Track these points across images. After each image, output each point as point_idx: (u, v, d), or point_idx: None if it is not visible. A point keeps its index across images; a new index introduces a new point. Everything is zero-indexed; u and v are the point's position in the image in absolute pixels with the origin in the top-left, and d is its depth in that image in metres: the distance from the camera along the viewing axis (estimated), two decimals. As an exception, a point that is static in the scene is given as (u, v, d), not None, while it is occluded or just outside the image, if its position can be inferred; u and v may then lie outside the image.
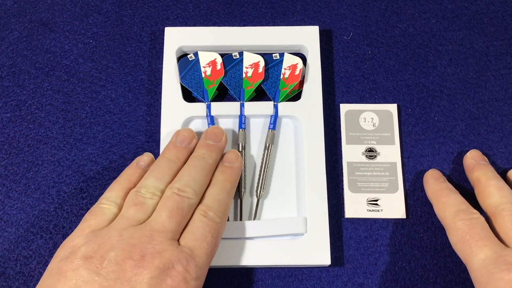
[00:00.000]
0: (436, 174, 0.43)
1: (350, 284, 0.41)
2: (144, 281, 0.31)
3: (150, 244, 0.33)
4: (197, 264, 0.34)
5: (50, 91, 0.47)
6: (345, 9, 0.50)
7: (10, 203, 0.44)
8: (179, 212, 0.35)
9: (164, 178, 0.38)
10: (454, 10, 0.50)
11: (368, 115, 0.46)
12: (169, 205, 0.35)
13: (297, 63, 0.45)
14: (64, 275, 0.32)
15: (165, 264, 0.32)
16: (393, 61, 0.48)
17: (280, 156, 0.44)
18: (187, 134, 0.41)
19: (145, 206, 0.36)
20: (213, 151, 0.40)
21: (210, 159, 0.39)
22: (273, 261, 0.40)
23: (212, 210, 0.37)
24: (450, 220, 0.39)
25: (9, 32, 0.49)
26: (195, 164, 0.38)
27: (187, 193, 0.36)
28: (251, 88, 0.45)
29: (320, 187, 0.42)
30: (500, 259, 0.35)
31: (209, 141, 0.40)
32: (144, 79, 0.47)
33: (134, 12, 0.50)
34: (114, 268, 0.32)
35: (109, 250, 0.32)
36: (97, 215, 0.36)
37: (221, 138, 0.41)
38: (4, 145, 0.45)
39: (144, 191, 0.37)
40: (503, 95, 0.47)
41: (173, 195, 0.36)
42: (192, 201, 0.36)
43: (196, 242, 0.35)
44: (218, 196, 0.38)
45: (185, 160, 0.39)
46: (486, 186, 0.40)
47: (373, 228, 0.43)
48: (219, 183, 0.38)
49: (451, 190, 0.41)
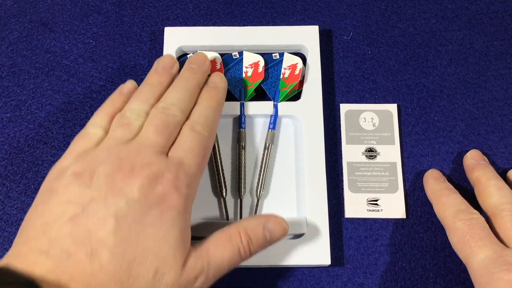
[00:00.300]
0: (436, 174, 0.43)
1: (350, 284, 0.41)
2: (134, 189, 0.32)
3: (138, 157, 0.33)
4: (187, 173, 0.34)
5: (50, 91, 0.47)
6: (345, 9, 0.50)
7: (10, 203, 0.44)
8: (166, 127, 0.35)
9: (148, 101, 0.38)
10: (454, 10, 0.50)
11: (368, 115, 0.46)
12: (155, 122, 0.36)
13: (297, 63, 0.45)
14: (56, 192, 0.32)
15: (155, 173, 0.33)
16: (393, 61, 0.48)
17: (280, 156, 0.44)
18: (167, 60, 0.41)
19: (132, 126, 0.36)
20: (196, 73, 0.40)
21: (194, 80, 0.39)
22: (273, 261, 0.40)
23: (199, 124, 0.37)
24: (450, 220, 0.39)
25: (9, 32, 0.49)
26: (178, 85, 0.39)
27: (172, 110, 0.36)
28: (251, 87, 0.45)
29: (320, 187, 0.42)
30: (500, 259, 0.35)
31: (193, 65, 0.41)
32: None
33: (134, 12, 0.50)
34: (104, 181, 0.32)
35: (98, 166, 0.33)
36: (84, 139, 0.36)
37: (205, 62, 0.41)
38: (4, 145, 0.45)
39: (130, 113, 0.37)
40: (503, 95, 0.47)
41: (158, 113, 0.36)
42: (177, 117, 0.36)
43: (185, 153, 0.35)
44: (205, 112, 0.38)
45: (168, 84, 0.40)
46: (486, 186, 0.40)
47: (373, 228, 0.43)
48: (204, 101, 0.39)
49: (451, 190, 0.41)
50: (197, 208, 0.43)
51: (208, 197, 0.43)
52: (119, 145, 0.34)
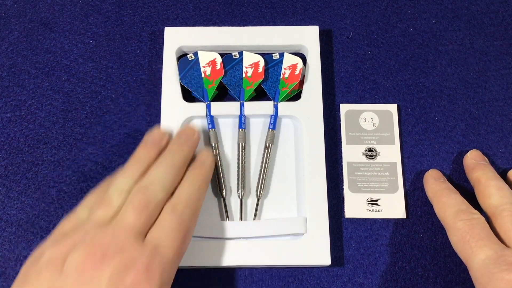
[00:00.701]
0: (436, 174, 0.43)
1: (350, 284, 0.41)
2: (103, 280, 0.31)
3: (112, 241, 0.33)
4: (163, 258, 0.33)
5: (50, 91, 0.47)
6: (345, 9, 0.50)
7: (10, 203, 0.44)
8: (145, 208, 0.35)
9: (131, 176, 0.37)
10: (454, 10, 0.50)
11: (368, 115, 0.46)
12: (134, 201, 0.35)
13: (297, 63, 0.45)
14: (28, 280, 0.32)
15: (127, 261, 0.32)
16: (393, 61, 0.48)
17: (280, 156, 0.44)
18: (156, 134, 0.40)
19: (112, 206, 0.35)
20: (183, 147, 0.40)
21: (180, 155, 0.39)
22: (273, 261, 0.40)
23: (180, 205, 0.36)
24: (450, 220, 0.39)
25: (9, 32, 0.49)
26: (163, 161, 0.38)
27: (153, 189, 0.36)
28: (251, 88, 0.45)
29: (320, 187, 0.42)
30: (501, 259, 0.35)
31: (181, 139, 0.40)
32: (144, 79, 0.47)
33: (134, 12, 0.50)
34: (75, 269, 0.31)
35: (72, 251, 0.32)
36: (69, 220, 0.36)
37: (193, 135, 0.41)
38: (4, 145, 0.45)
39: (112, 191, 0.36)
40: (503, 95, 0.47)
41: (139, 192, 0.36)
42: (158, 196, 0.36)
43: (162, 237, 0.34)
44: (188, 191, 0.37)
45: (155, 158, 0.39)
46: (486, 186, 0.40)
47: (373, 228, 0.43)
48: (189, 179, 0.38)
49: (451, 190, 0.41)
50: (197, 208, 0.43)
51: (208, 197, 0.43)
52: (96, 227, 0.34)
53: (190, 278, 0.42)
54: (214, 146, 0.43)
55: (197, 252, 0.40)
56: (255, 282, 0.42)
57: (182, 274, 0.42)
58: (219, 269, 0.42)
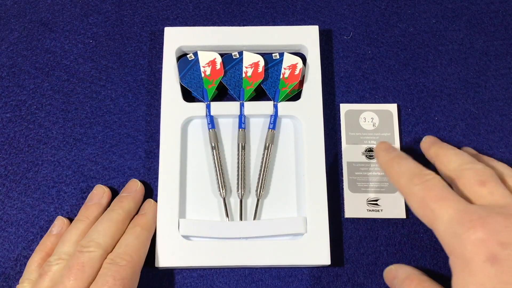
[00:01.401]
0: (385, 146, 0.40)
1: (350, 284, 0.41)
2: None
3: None
4: None
5: (50, 91, 0.47)
6: (345, 9, 0.50)
7: (10, 203, 0.44)
8: (80, 268, 0.36)
9: (71, 240, 0.39)
10: (454, 10, 0.50)
11: (368, 115, 0.46)
12: (70, 264, 0.36)
13: (297, 63, 0.45)
14: None
15: None
16: (393, 61, 0.48)
17: (280, 156, 0.44)
18: (96, 191, 0.42)
19: (50, 273, 0.37)
20: (124, 202, 0.41)
21: (120, 209, 0.40)
22: (273, 261, 0.40)
23: (118, 255, 0.37)
24: (405, 187, 0.35)
25: (9, 32, 0.49)
26: (103, 217, 0.40)
27: (89, 247, 0.37)
28: (251, 87, 0.45)
29: (320, 187, 0.42)
30: (465, 216, 0.31)
31: (123, 193, 0.42)
32: (144, 79, 0.47)
33: (134, 12, 0.50)
34: None
35: None
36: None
37: (135, 188, 0.42)
38: (4, 145, 0.45)
39: (52, 258, 0.38)
40: (503, 95, 0.47)
41: (75, 253, 0.37)
42: (94, 254, 0.37)
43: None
44: (126, 241, 0.39)
45: (96, 215, 0.41)
46: (445, 155, 0.38)
47: (373, 228, 0.43)
48: (130, 231, 0.40)
49: (401, 157, 0.38)
50: (196, 208, 0.43)
51: (208, 197, 0.43)
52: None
53: (190, 278, 0.42)
54: (214, 146, 0.43)
55: (197, 252, 0.40)
56: (255, 282, 0.42)
57: (182, 274, 0.42)
58: (219, 269, 0.42)
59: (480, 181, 0.34)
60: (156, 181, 0.44)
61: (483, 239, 0.30)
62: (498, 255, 0.29)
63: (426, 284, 0.35)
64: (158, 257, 0.40)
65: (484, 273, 0.29)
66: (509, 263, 0.29)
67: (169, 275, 0.42)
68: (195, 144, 0.45)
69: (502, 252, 0.29)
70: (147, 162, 0.45)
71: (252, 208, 0.43)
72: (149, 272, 0.41)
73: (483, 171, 0.35)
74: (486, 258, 0.29)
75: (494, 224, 0.30)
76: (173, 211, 0.41)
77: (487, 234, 0.30)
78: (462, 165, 0.36)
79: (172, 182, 0.42)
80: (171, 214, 0.41)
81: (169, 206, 0.41)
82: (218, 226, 0.41)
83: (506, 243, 0.29)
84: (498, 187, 0.34)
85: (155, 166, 0.44)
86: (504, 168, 0.38)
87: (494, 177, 0.35)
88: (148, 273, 0.41)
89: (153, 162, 0.45)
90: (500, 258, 0.29)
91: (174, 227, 0.41)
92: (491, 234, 0.30)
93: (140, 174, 0.44)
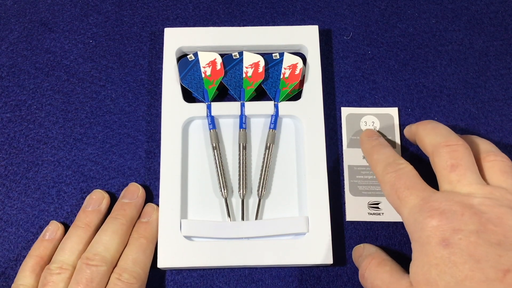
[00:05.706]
0: (370, 133, 0.42)
1: (350, 284, 0.41)
2: None
3: None
4: None
5: (50, 91, 0.47)
6: (345, 9, 0.50)
7: (10, 203, 0.43)
8: (89, 284, 0.36)
9: (73, 249, 0.39)
10: (454, 10, 0.50)
11: (369, 118, 0.46)
12: (78, 279, 0.36)
13: (297, 63, 0.45)
14: None
15: None
16: (393, 61, 0.48)
17: (281, 155, 0.44)
18: (95, 196, 0.42)
19: (53, 284, 0.37)
20: (127, 209, 0.41)
21: (124, 218, 0.40)
22: (275, 261, 0.40)
23: (126, 272, 0.37)
24: (380, 174, 0.38)
25: (9, 32, 0.49)
26: (107, 228, 0.39)
27: (96, 261, 0.37)
28: (251, 88, 0.45)
29: (321, 186, 0.42)
30: (426, 205, 0.33)
31: (124, 200, 0.42)
32: (144, 79, 0.47)
33: (134, 12, 0.50)
34: None
35: None
36: None
37: (137, 194, 0.42)
38: (4, 145, 0.45)
39: (54, 267, 0.38)
40: (503, 95, 0.47)
41: (82, 267, 0.37)
42: (101, 268, 0.37)
43: None
44: (133, 256, 0.39)
45: (97, 223, 0.41)
46: (423, 129, 0.39)
47: (374, 230, 0.43)
48: (135, 241, 0.39)
49: (382, 145, 0.40)
50: (198, 208, 0.43)
51: (210, 197, 0.43)
52: None
53: (190, 278, 0.42)
54: (215, 146, 0.43)
55: (197, 252, 0.40)
56: (255, 281, 0.42)
57: (182, 274, 0.42)
58: (219, 269, 0.42)
59: (451, 165, 0.35)
60: (156, 181, 0.44)
61: (439, 226, 0.32)
62: (450, 239, 0.31)
63: (387, 263, 0.37)
64: (160, 258, 0.40)
65: (437, 254, 0.32)
66: (460, 246, 0.31)
67: (169, 275, 0.42)
68: (196, 144, 0.45)
69: (454, 237, 0.31)
70: (147, 162, 0.45)
71: (253, 208, 0.43)
72: (149, 272, 0.41)
73: (457, 153, 0.35)
74: (439, 241, 0.32)
75: (452, 214, 0.32)
76: (175, 211, 0.41)
77: (443, 221, 0.32)
78: (440, 142, 0.36)
79: (173, 183, 0.42)
80: (172, 215, 0.41)
81: (170, 207, 0.41)
82: (220, 226, 0.41)
83: (458, 229, 0.32)
84: (467, 173, 0.35)
85: (155, 166, 0.44)
86: (486, 144, 0.38)
87: (465, 160, 0.35)
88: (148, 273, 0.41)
89: (153, 162, 0.45)
90: (452, 242, 0.31)
91: (176, 228, 0.41)
92: (446, 222, 0.32)
93: (140, 174, 0.44)
